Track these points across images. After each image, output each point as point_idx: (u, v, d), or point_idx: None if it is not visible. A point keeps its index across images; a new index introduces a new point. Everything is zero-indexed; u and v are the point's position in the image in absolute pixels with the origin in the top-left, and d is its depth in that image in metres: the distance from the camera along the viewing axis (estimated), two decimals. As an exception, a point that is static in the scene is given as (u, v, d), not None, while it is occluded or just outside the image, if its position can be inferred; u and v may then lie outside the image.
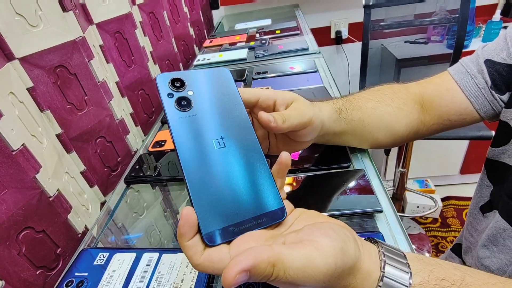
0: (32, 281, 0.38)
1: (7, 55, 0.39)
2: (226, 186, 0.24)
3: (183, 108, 0.25)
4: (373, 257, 0.23)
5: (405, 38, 1.42)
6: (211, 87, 0.28)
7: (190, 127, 0.25)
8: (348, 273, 0.21)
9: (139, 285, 0.31)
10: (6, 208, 0.35)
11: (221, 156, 0.25)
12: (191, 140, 0.24)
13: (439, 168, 1.64)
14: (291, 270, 0.19)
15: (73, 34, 0.47)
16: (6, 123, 0.35)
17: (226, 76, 0.29)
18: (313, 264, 0.19)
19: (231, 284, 0.17)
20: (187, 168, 0.23)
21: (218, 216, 0.22)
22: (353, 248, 0.22)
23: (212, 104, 0.27)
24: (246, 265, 0.18)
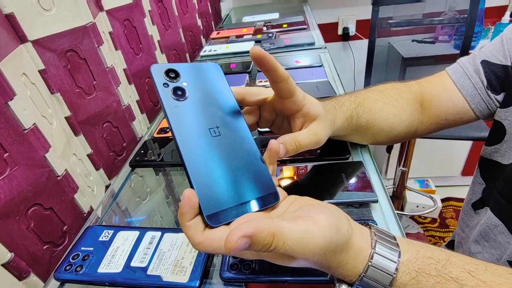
0: (39, 255, 0.40)
1: (20, 37, 0.40)
2: (223, 171, 0.25)
3: (179, 97, 0.26)
4: (364, 237, 0.24)
5: (412, 37, 1.42)
6: (204, 80, 0.29)
7: (187, 116, 0.26)
8: (341, 250, 0.23)
9: (141, 260, 0.32)
10: (17, 184, 0.36)
11: (217, 144, 0.26)
12: (188, 128, 0.25)
13: (440, 169, 1.64)
14: (290, 241, 0.20)
15: (84, 19, 0.48)
16: (18, 102, 0.36)
17: (217, 70, 0.31)
18: (310, 237, 0.21)
19: (233, 248, 0.18)
20: (186, 154, 0.24)
21: (217, 199, 0.23)
22: (346, 226, 0.23)
23: (206, 95, 0.28)
24: (248, 231, 0.19)
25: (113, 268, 0.32)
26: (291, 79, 0.30)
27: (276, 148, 0.27)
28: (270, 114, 0.35)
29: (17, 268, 0.36)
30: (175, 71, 0.27)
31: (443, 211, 1.61)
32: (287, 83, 0.30)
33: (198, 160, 0.24)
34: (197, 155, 0.24)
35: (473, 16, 1.09)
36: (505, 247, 0.39)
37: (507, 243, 0.39)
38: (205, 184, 0.23)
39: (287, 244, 0.20)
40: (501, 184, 0.39)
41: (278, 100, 0.33)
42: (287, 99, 0.31)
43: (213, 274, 0.32)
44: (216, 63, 0.31)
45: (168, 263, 0.31)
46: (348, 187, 0.37)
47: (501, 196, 0.39)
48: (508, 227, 0.39)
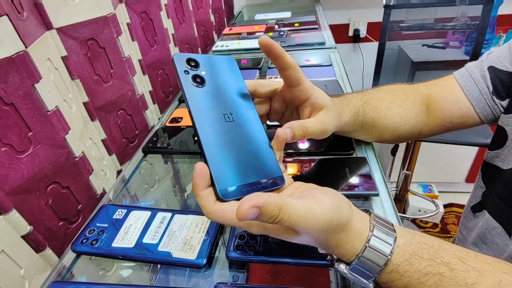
0: (55, 230, 0.42)
1: (46, 24, 0.43)
2: (235, 153, 0.27)
3: (198, 84, 0.29)
4: (364, 221, 0.26)
5: (423, 41, 1.42)
6: (221, 70, 0.31)
7: (204, 101, 0.28)
8: (341, 229, 0.24)
9: (153, 238, 0.34)
10: (39, 162, 0.39)
11: (230, 128, 0.28)
12: (204, 111, 0.28)
13: (444, 174, 1.64)
14: (294, 216, 0.22)
15: (105, 10, 0.51)
16: (43, 85, 0.38)
17: (232, 63, 0.33)
18: (313, 213, 0.22)
19: (243, 216, 0.20)
20: (202, 134, 0.26)
21: (229, 176, 0.26)
22: (347, 209, 0.25)
23: (222, 84, 0.30)
24: (258, 202, 0.20)
25: (126, 243, 0.34)
26: (298, 67, 0.32)
27: (283, 135, 0.29)
28: (280, 105, 0.36)
29: (35, 241, 0.39)
30: (195, 60, 0.30)
31: (445, 216, 1.61)
32: (294, 70, 0.32)
33: (213, 140, 0.26)
34: (212, 136, 0.27)
35: (484, 23, 1.09)
36: (503, 249, 0.40)
37: (505, 245, 0.40)
38: (218, 161, 0.26)
39: (291, 218, 0.21)
40: (500, 188, 0.40)
41: (287, 90, 0.34)
42: (295, 87, 0.33)
43: (219, 254, 0.34)
44: (232, 57, 0.33)
45: (178, 241, 0.34)
46: (350, 181, 0.39)
47: (500, 199, 0.40)
48: (507, 229, 0.40)
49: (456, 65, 1.31)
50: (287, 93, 0.35)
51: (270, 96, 0.36)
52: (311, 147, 0.47)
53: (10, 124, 0.35)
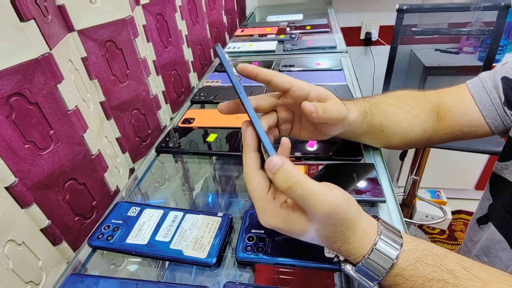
0: (71, 225, 0.44)
1: (68, 27, 0.44)
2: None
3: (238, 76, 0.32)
4: (372, 224, 0.27)
5: (436, 46, 1.40)
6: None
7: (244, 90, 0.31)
8: (349, 226, 0.26)
9: (165, 235, 0.36)
10: (58, 158, 0.40)
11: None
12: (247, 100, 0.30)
13: (453, 181, 1.63)
14: (307, 191, 0.24)
15: (124, 12, 0.52)
16: (65, 85, 0.40)
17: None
18: (324, 196, 0.24)
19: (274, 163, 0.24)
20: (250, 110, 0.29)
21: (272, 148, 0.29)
22: (355, 207, 0.27)
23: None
24: (283, 158, 0.24)
25: (139, 240, 0.35)
26: (279, 74, 0.34)
27: (287, 144, 0.30)
28: (286, 113, 0.37)
29: (52, 234, 0.40)
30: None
31: (453, 223, 1.60)
32: (277, 77, 0.34)
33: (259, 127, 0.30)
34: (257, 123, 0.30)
35: (499, 29, 1.08)
36: (507, 264, 0.40)
37: (509, 260, 0.40)
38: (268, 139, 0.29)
39: (304, 191, 0.24)
40: (507, 200, 0.40)
41: (285, 97, 0.35)
42: (289, 90, 0.34)
43: (228, 255, 0.35)
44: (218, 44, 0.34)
45: (189, 240, 0.35)
46: (358, 187, 0.40)
47: (507, 211, 0.40)
48: (511, 243, 0.39)
49: (469, 71, 1.29)
50: (287, 99, 0.35)
51: (274, 108, 0.37)
52: (320, 151, 0.48)
53: (34, 123, 0.37)
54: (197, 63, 0.90)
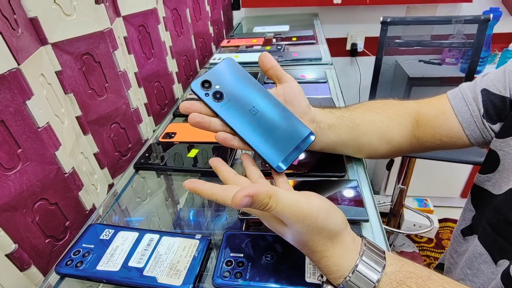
0: (41, 248, 0.42)
1: (41, 40, 0.43)
2: (271, 135, 0.35)
3: (219, 99, 0.34)
4: (356, 243, 0.27)
5: (419, 57, 1.43)
6: (228, 75, 0.36)
7: (231, 110, 0.34)
8: (328, 236, 0.25)
9: (139, 261, 0.34)
10: (27, 178, 0.38)
11: (260, 118, 0.35)
12: (236, 117, 0.34)
13: (440, 189, 1.65)
14: (281, 204, 0.24)
15: (102, 25, 0.51)
16: (35, 102, 0.38)
17: (233, 64, 0.37)
18: (299, 205, 0.25)
19: (238, 204, 0.24)
20: (243, 134, 0.34)
21: (276, 154, 0.34)
22: (340, 220, 0.26)
23: (234, 88, 0.35)
24: (250, 192, 0.23)
25: (111, 266, 0.33)
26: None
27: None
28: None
29: (19, 259, 0.38)
30: (207, 81, 0.35)
31: (440, 231, 1.61)
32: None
33: (252, 135, 0.34)
34: (250, 132, 0.34)
35: (479, 41, 1.11)
36: (489, 277, 0.40)
37: (491, 273, 0.39)
38: (264, 148, 0.34)
39: (278, 207, 0.24)
40: (490, 213, 0.40)
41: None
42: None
43: (206, 280, 0.34)
44: (230, 57, 0.37)
45: (164, 265, 0.33)
46: (341, 204, 0.39)
47: (489, 225, 0.40)
48: (493, 257, 0.39)
49: (452, 81, 1.32)
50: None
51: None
52: (302, 167, 0.47)
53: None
54: (182, 74, 0.89)
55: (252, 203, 0.24)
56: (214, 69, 0.36)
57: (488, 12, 1.27)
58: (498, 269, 0.38)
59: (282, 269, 0.32)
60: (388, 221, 1.43)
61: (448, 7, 1.46)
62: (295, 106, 0.38)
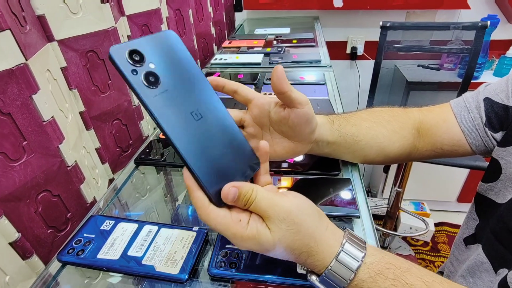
0: (43, 238, 0.43)
1: (48, 37, 0.44)
2: (215, 152, 0.27)
3: (152, 85, 0.25)
4: (336, 236, 0.28)
5: (418, 62, 1.45)
6: (168, 55, 0.27)
7: (168, 105, 0.25)
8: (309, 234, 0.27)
9: (138, 251, 0.35)
10: (31, 170, 0.40)
11: (202, 127, 0.27)
12: (173, 117, 0.25)
13: (436, 193, 1.66)
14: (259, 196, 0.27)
15: (106, 23, 0.52)
16: (41, 96, 0.40)
17: (176, 40, 0.28)
18: (274, 200, 0.27)
19: (227, 194, 0.26)
20: (178, 143, 0.25)
21: (217, 180, 0.27)
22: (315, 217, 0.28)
23: (176, 75, 0.26)
24: (236, 184, 0.27)
25: (111, 255, 0.35)
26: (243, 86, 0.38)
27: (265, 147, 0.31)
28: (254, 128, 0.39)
29: (22, 248, 0.39)
30: (138, 51, 0.25)
31: (436, 235, 1.62)
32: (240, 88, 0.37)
33: (191, 147, 0.25)
34: (188, 143, 0.25)
35: (477, 47, 1.12)
36: (488, 286, 0.40)
37: (490, 282, 0.39)
38: (203, 168, 0.26)
39: (257, 198, 0.27)
40: (494, 222, 0.40)
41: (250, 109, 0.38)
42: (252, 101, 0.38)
43: (202, 270, 0.35)
44: (172, 31, 0.28)
45: (162, 255, 0.34)
46: (334, 201, 0.40)
47: (492, 233, 0.40)
48: (494, 266, 0.39)
49: (449, 87, 1.34)
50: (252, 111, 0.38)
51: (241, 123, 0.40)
52: (297, 165, 0.48)
53: (6, 133, 0.36)
54: (183, 73, 0.91)
55: (238, 195, 0.26)
56: (148, 38, 0.26)
57: (486, 19, 1.30)
58: (497, 278, 0.38)
59: (275, 261, 0.33)
60: (385, 224, 1.44)
61: (447, 13, 1.48)
62: (296, 134, 0.38)
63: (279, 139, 0.39)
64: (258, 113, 0.38)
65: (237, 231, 0.26)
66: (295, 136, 0.38)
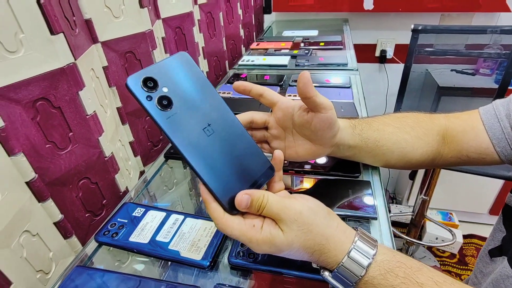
0: (81, 220, 0.47)
1: (93, 38, 0.49)
2: (228, 163, 0.29)
3: (166, 108, 0.26)
4: (347, 234, 0.29)
5: (452, 66, 1.40)
6: (180, 77, 0.28)
7: (180, 125, 0.27)
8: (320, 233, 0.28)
9: (165, 237, 0.38)
10: (75, 158, 0.44)
11: (214, 141, 0.28)
12: (186, 136, 0.27)
13: (466, 204, 1.59)
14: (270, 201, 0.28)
15: (144, 26, 0.56)
16: (86, 92, 0.44)
17: (188, 61, 0.30)
18: (284, 202, 0.29)
19: (240, 200, 0.28)
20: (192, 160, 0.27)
21: (230, 191, 0.28)
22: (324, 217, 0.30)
23: (188, 95, 0.28)
24: (247, 192, 0.28)
25: (141, 239, 0.38)
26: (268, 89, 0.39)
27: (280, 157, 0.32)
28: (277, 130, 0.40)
29: (64, 228, 0.44)
30: (152, 78, 0.27)
31: (464, 247, 1.55)
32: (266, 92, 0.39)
33: (204, 162, 0.27)
34: (201, 159, 0.27)
35: (516, 53, 1.07)
36: None
37: None
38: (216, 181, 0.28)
39: (268, 203, 0.28)
40: None
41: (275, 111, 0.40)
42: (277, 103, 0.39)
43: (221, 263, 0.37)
44: (184, 52, 0.30)
45: (187, 242, 0.37)
46: (352, 202, 0.41)
47: None
48: None
49: (484, 93, 1.28)
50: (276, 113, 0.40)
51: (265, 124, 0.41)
52: (318, 166, 0.49)
53: (56, 125, 0.41)
54: (212, 73, 0.94)
55: (251, 202, 0.28)
56: (161, 64, 0.28)
57: (528, 23, 1.22)
58: None
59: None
60: (408, 232, 1.40)
61: (485, 16, 1.42)
62: (317, 138, 0.39)
63: (301, 141, 0.40)
64: (282, 116, 0.39)
65: (252, 236, 0.28)
66: (317, 139, 0.39)
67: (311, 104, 0.36)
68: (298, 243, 0.28)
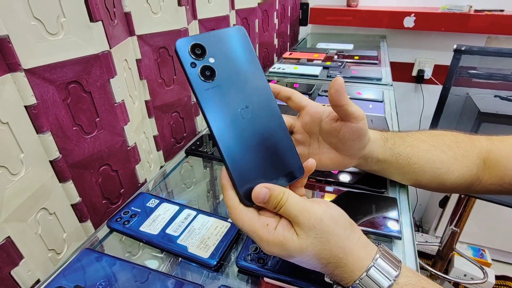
0: (98, 206, 0.48)
1: (130, 31, 0.50)
2: (256, 152, 0.27)
3: (208, 78, 0.25)
4: (368, 250, 0.27)
5: (495, 92, 1.31)
6: (230, 51, 0.27)
7: (218, 99, 0.26)
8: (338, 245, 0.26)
9: (175, 230, 0.37)
10: (99, 144, 0.45)
11: (249, 126, 0.27)
12: (220, 112, 0.26)
13: (503, 241, 1.46)
14: (289, 201, 0.26)
15: (180, 24, 0.58)
16: (117, 81, 0.45)
17: (243, 36, 0.28)
18: (306, 205, 0.27)
19: (258, 194, 0.26)
20: (220, 140, 0.26)
21: (251, 180, 0.27)
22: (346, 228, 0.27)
23: (234, 71, 0.27)
24: (267, 186, 0.26)
25: (152, 230, 0.38)
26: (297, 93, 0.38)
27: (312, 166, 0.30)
28: (302, 135, 0.39)
29: (80, 211, 0.44)
30: (201, 45, 0.26)
31: (496, 289, 1.42)
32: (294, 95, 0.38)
33: (232, 145, 0.26)
34: (231, 141, 0.26)
35: None
36: None
37: None
38: (239, 169, 0.26)
39: (288, 202, 0.26)
40: None
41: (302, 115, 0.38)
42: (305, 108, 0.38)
43: (231, 260, 0.36)
44: (241, 26, 0.29)
45: (196, 238, 0.36)
46: (375, 219, 0.38)
47: None
48: None
49: (531, 122, 1.18)
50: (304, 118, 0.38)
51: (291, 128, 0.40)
52: (342, 178, 0.47)
53: (84, 109, 0.42)
54: (241, 78, 0.95)
55: (269, 198, 0.26)
56: (215, 33, 0.27)
57: None
58: None
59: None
60: (434, 264, 1.31)
61: (538, 41, 1.32)
62: (345, 148, 0.37)
63: (327, 149, 0.39)
64: (309, 121, 0.38)
65: (263, 235, 0.26)
66: (344, 149, 0.38)
67: (342, 113, 0.34)
68: (313, 252, 0.26)
